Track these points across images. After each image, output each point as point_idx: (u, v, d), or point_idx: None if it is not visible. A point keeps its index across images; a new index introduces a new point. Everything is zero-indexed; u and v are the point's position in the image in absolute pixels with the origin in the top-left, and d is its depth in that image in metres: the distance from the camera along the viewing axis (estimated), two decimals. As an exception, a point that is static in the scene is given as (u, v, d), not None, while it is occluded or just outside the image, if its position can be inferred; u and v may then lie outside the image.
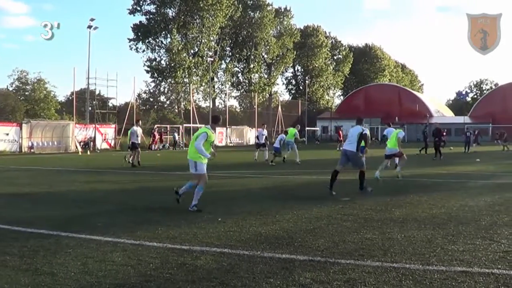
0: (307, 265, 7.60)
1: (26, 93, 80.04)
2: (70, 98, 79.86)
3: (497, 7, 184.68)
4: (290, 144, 31.27)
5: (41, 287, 6.56)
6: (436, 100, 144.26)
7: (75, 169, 28.49)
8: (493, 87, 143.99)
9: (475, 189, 17.98)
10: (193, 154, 12.91)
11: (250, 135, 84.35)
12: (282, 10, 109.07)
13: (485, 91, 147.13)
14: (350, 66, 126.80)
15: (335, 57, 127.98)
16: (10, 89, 79.66)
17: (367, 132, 17.26)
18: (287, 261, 7.81)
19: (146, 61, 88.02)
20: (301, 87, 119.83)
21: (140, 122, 32.44)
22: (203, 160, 12.88)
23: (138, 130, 28.78)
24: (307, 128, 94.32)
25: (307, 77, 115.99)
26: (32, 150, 51.50)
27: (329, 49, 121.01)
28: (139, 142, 28.86)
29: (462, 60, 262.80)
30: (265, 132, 34.81)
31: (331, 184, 16.09)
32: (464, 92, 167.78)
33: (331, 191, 15.87)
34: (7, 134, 50.15)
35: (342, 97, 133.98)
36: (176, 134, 66.01)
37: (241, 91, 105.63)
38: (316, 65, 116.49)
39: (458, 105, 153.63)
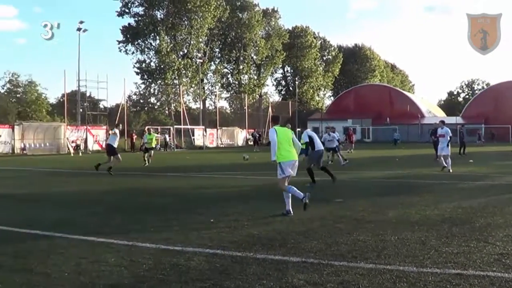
0: (300, 266, 7.53)
1: (18, 95, 79.67)
2: (61, 100, 79.54)
3: (497, 7, 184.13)
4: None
5: (36, 287, 6.52)
6: (428, 100, 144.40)
7: (67, 170, 28.42)
8: (485, 87, 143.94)
9: (469, 190, 17.92)
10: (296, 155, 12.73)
11: (241, 136, 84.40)
12: (270, 11, 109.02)
13: (476, 91, 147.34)
14: (339, 66, 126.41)
15: (324, 58, 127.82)
16: (2, 91, 79.42)
17: None
18: (280, 262, 7.76)
19: (135, 63, 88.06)
20: (291, 88, 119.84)
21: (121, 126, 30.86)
22: None
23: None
24: (297, 129, 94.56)
25: (296, 78, 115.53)
26: (24, 152, 51.64)
27: (318, 50, 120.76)
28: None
29: (453, 60, 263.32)
30: (336, 135, 31.46)
31: None
32: (455, 92, 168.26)
33: None
34: (0, 136, 50.12)
35: (332, 98, 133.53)
36: (167, 136, 65.77)
37: (231, 92, 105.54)
38: (306, 66, 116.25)
39: (450, 105, 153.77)
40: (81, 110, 66.02)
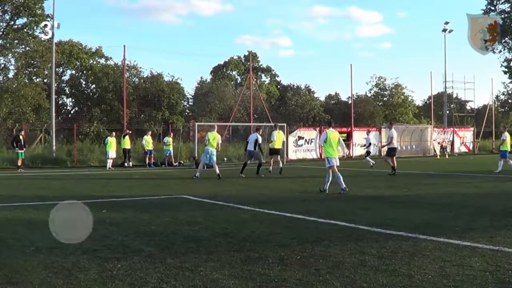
0: None
1: (384, 98, 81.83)
2: (428, 102, 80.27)
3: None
4: None
5: (398, 288, 6.68)
6: None
7: (433, 172, 28.58)
8: None
9: None
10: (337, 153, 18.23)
11: None
12: None
13: None
14: None
15: None
16: (369, 95, 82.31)
17: None
18: None
19: (503, 62, 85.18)
20: None
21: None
22: None
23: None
24: None
25: None
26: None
27: None
28: None
29: None
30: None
31: None
32: None
33: None
34: (365, 139, 52.12)
35: None
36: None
37: None
38: None
39: None
40: (447, 111, 65.95)
